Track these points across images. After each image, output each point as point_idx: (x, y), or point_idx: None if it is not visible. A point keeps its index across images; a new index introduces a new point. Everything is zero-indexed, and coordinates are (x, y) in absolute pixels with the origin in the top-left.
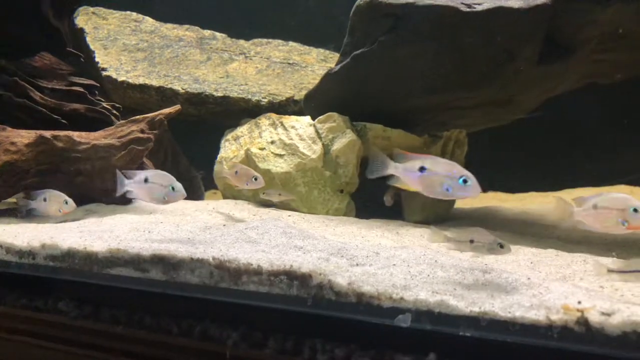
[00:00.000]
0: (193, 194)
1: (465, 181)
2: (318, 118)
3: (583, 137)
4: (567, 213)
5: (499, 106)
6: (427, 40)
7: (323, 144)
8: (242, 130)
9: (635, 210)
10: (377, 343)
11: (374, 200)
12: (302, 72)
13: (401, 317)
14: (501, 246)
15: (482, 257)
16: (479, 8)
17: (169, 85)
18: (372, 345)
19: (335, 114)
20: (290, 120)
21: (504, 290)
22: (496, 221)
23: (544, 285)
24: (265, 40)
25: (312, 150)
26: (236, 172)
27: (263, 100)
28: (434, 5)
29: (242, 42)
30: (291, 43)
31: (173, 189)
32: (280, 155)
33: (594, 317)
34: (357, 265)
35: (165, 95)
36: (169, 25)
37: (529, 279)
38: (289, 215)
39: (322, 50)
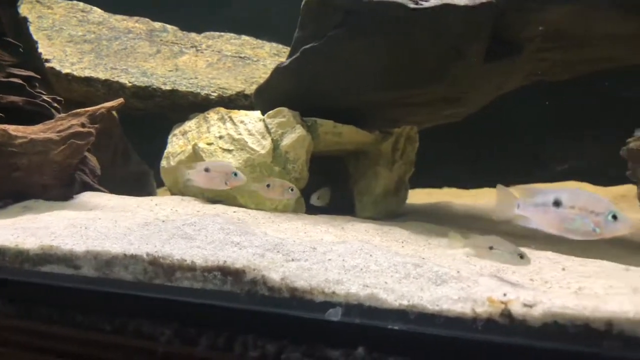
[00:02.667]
0: (144, 190)
1: (614, 217)
2: (268, 113)
3: (535, 133)
4: (510, 204)
5: (450, 103)
6: (375, 36)
7: (272, 139)
8: (190, 125)
9: (614, 217)
10: (309, 337)
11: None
12: (253, 66)
13: (332, 311)
14: (521, 257)
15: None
16: (426, 5)
17: (116, 78)
18: (304, 340)
19: (285, 109)
20: (240, 115)
21: (434, 284)
22: (446, 216)
23: (472, 279)
24: (217, 33)
25: (261, 146)
26: (268, 185)
27: (212, 94)
28: (381, 1)
29: (193, 35)
30: (244, 37)
31: (235, 174)
32: (229, 151)
33: (517, 309)
34: (293, 260)
35: (111, 89)
36: (118, 17)
37: (458, 272)
38: (235, 212)
39: (275, 45)
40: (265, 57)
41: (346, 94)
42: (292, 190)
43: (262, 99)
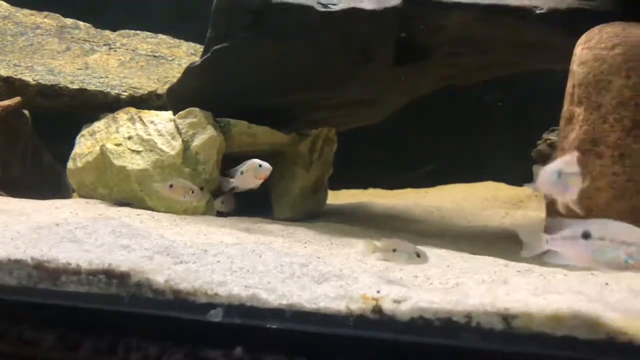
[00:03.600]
0: (58, 193)
1: None
2: (179, 113)
3: (455, 135)
4: (538, 240)
5: (366, 106)
6: (286, 37)
7: (183, 140)
8: (99, 125)
9: None
10: (191, 339)
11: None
12: (167, 65)
13: (213, 312)
14: (418, 255)
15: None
16: (334, 8)
17: (19, 76)
18: (186, 341)
19: (196, 109)
20: (150, 115)
21: (317, 282)
22: (364, 216)
23: (353, 277)
24: (132, 31)
25: (171, 147)
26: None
27: (123, 93)
28: (290, 3)
29: (107, 32)
30: (160, 36)
31: (260, 165)
32: (137, 152)
33: (387, 305)
34: (181, 263)
35: (14, 86)
36: (26, 11)
37: (341, 270)
38: (138, 214)
39: (193, 44)
40: (181, 57)
41: (260, 95)
42: (193, 192)
43: (174, 99)
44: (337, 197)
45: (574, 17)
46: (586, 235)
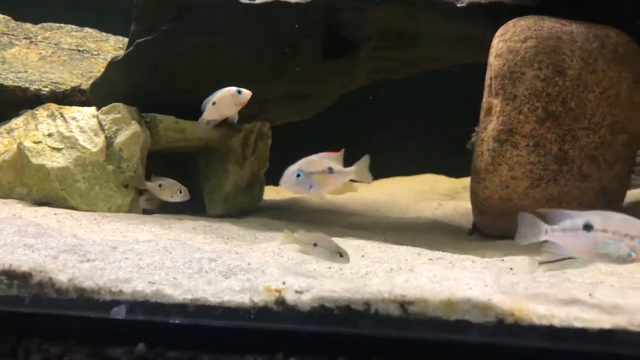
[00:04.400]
0: None
1: None
2: (102, 109)
3: (394, 128)
4: (536, 230)
5: (301, 100)
6: (212, 30)
7: (106, 137)
8: (17, 122)
9: None
10: (95, 337)
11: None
12: (92, 60)
13: (116, 310)
14: (340, 255)
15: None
16: (257, 1)
17: None
18: (89, 340)
19: (120, 105)
20: (72, 111)
21: (224, 277)
22: (299, 211)
23: (261, 270)
24: (56, 24)
25: (93, 143)
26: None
27: (44, 89)
28: None
29: (28, 25)
30: (87, 29)
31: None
32: (58, 149)
33: (290, 296)
34: (88, 261)
35: None
36: None
37: (249, 264)
38: (56, 214)
39: (121, 38)
40: (109, 51)
41: (188, 89)
42: (181, 192)
43: (98, 94)
44: (280, 193)
45: (496, 11)
46: (588, 227)
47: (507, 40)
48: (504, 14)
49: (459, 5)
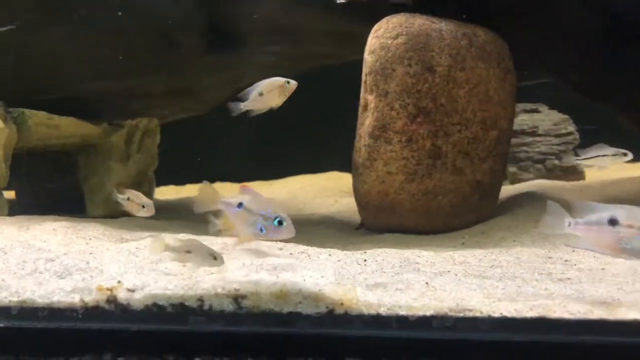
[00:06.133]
0: None
1: None
2: None
3: (301, 126)
4: (560, 221)
5: (185, 95)
6: (77, 22)
7: None
8: None
9: None
10: None
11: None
12: None
13: None
14: (215, 257)
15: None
16: None
17: None
18: None
19: None
20: None
21: (59, 277)
22: (190, 210)
23: (99, 269)
24: None
25: None
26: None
27: None
28: None
29: None
30: None
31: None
32: None
33: (122, 294)
34: None
35: None
36: None
37: (87, 263)
38: None
39: None
40: None
41: (59, 83)
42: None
43: None
44: (180, 192)
45: (375, 8)
46: (613, 222)
47: (380, 36)
48: (383, 11)
49: (338, 1)
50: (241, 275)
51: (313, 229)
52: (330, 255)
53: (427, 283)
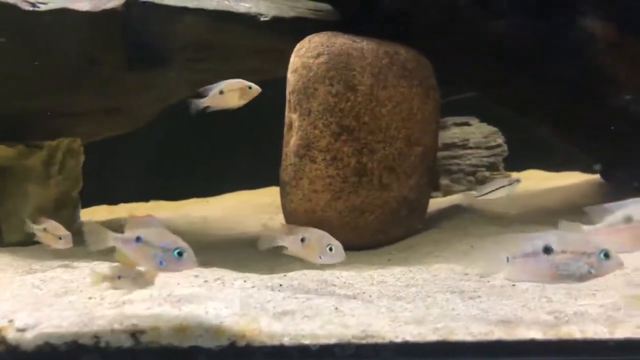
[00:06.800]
0: None
1: (606, 255)
2: None
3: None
4: (498, 261)
5: (111, 114)
6: None
7: None
8: None
9: (606, 255)
10: None
11: None
12: None
13: None
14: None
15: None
16: (43, 8)
17: None
18: None
19: None
20: None
21: None
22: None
23: None
24: None
25: None
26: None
27: None
28: None
29: None
30: None
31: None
32: None
33: (12, 335)
34: None
35: None
36: None
37: None
38: None
39: None
40: None
41: None
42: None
43: None
44: (112, 212)
45: (301, 26)
46: (548, 250)
47: (302, 56)
48: (308, 29)
49: (262, 19)
50: (142, 308)
51: (242, 250)
52: (245, 281)
53: (336, 308)
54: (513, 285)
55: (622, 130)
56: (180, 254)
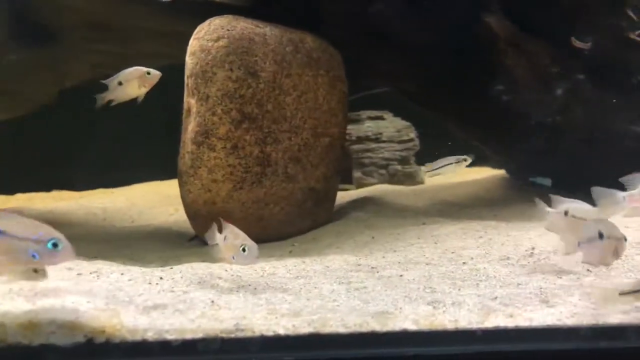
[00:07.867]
0: None
1: None
2: None
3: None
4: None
5: None
6: None
7: None
8: None
9: None
10: None
11: None
12: None
13: None
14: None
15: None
16: None
17: None
18: None
19: None
20: None
21: None
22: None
23: None
24: None
25: None
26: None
27: None
28: None
29: None
30: None
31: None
32: None
33: None
34: None
35: None
36: None
37: None
38: None
39: None
40: None
41: None
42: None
43: None
44: (8, 203)
45: (206, 9)
46: (601, 235)
47: (201, 38)
48: (213, 13)
49: (164, 0)
50: None
51: (140, 242)
52: (122, 274)
53: (212, 302)
54: (401, 275)
55: (512, 125)
56: (55, 245)
